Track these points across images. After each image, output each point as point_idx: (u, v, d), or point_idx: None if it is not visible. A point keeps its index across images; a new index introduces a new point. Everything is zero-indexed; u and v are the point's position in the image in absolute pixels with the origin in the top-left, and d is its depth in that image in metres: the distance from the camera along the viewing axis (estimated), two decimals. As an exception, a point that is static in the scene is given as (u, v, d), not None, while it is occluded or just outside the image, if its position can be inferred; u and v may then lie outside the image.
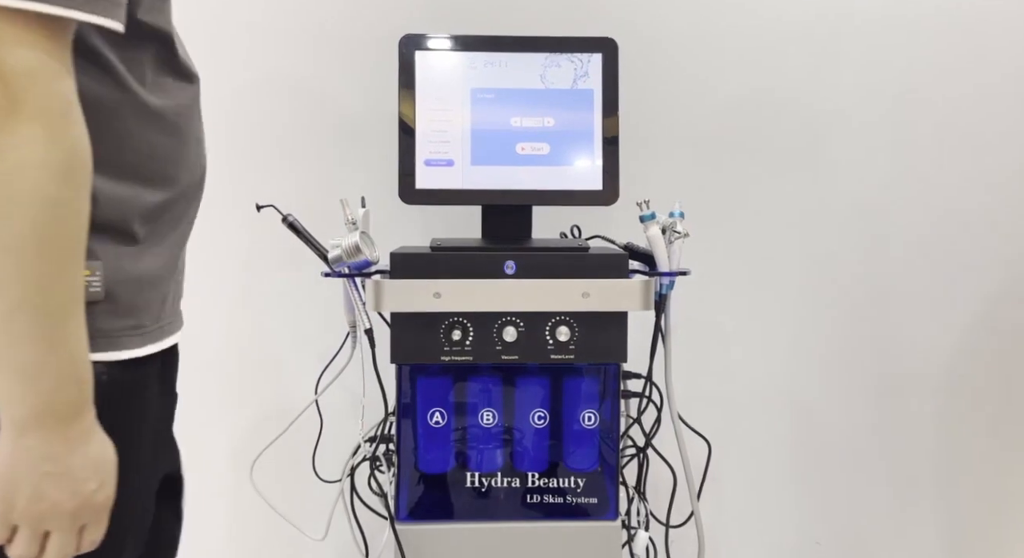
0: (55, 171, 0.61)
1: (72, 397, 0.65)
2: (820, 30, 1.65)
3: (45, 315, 0.62)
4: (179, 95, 0.80)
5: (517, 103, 1.25)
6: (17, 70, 0.60)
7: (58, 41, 0.63)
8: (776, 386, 1.70)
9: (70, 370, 0.65)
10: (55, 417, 0.64)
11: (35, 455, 0.64)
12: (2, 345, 0.62)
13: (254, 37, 1.61)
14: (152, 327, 0.78)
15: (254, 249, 1.58)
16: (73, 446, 0.66)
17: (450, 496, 1.22)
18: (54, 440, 0.65)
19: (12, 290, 0.61)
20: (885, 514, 1.73)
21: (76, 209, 0.64)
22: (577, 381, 1.22)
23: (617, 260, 1.17)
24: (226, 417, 1.64)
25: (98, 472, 0.68)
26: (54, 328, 0.63)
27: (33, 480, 0.65)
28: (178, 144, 0.80)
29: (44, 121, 0.61)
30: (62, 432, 0.65)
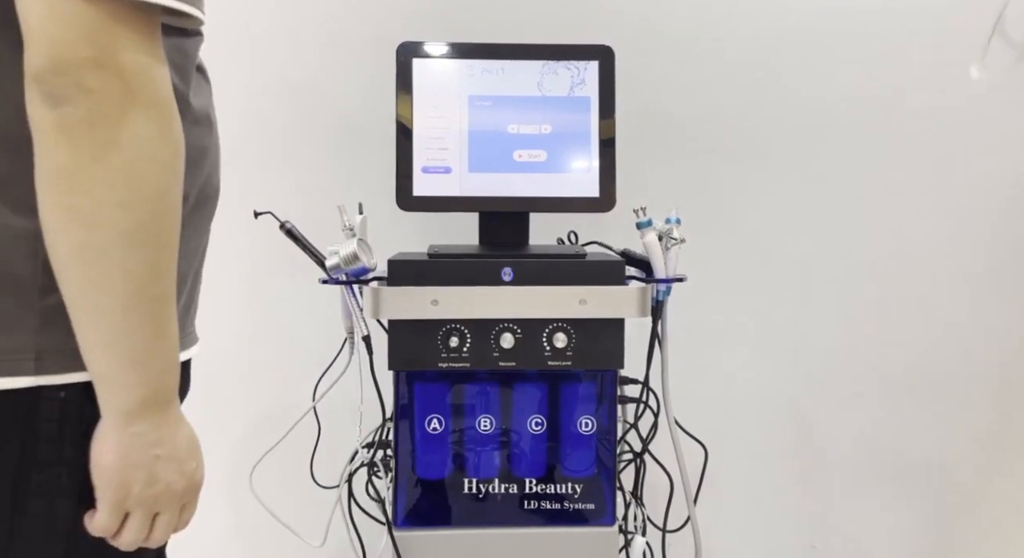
0: (166, 164, 0.64)
1: (172, 382, 0.68)
2: (817, 35, 1.66)
3: (158, 303, 0.65)
4: (206, 94, 0.82)
5: (514, 110, 1.26)
6: (132, 65, 0.61)
7: (157, 38, 0.64)
8: (772, 391, 1.70)
9: (172, 357, 0.67)
10: (159, 402, 0.67)
11: (146, 440, 0.66)
12: (119, 333, 0.64)
13: (252, 43, 1.61)
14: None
15: (251, 256, 1.58)
16: (175, 429, 0.69)
17: (447, 502, 1.23)
18: (160, 425, 0.67)
19: (132, 280, 0.63)
20: (881, 518, 1.73)
21: (179, 200, 0.66)
22: (574, 387, 1.22)
23: (614, 267, 1.17)
24: (224, 423, 1.64)
25: (195, 451, 0.72)
26: (162, 315, 0.65)
27: (147, 464, 0.67)
28: (211, 141, 0.82)
29: (156, 116, 0.62)
30: (165, 416, 0.67)
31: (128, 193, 0.61)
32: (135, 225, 0.62)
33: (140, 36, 0.61)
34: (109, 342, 0.64)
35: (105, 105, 0.60)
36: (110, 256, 0.62)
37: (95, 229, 0.61)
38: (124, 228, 0.62)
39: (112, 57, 0.60)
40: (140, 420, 0.66)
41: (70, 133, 0.59)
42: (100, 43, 0.59)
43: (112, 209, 0.61)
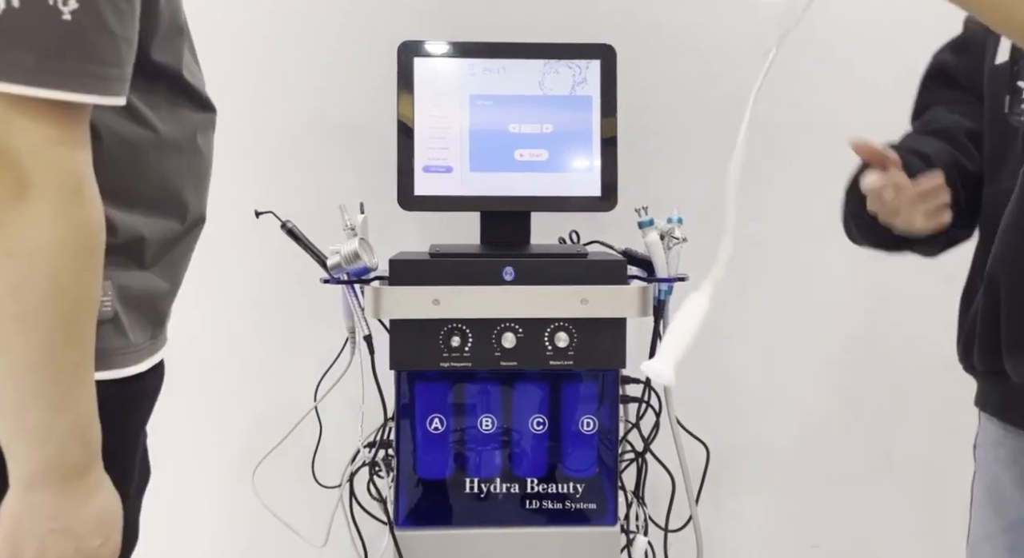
0: (66, 249, 0.63)
1: (77, 457, 0.67)
2: (820, 33, 1.65)
3: (52, 382, 0.64)
4: (193, 122, 0.82)
5: (516, 109, 1.25)
6: (24, 151, 0.61)
7: (70, 121, 0.64)
8: (774, 391, 1.70)
9: (76, 432, 0.66)
10: (60, 476, 0.66)
11: (40, 513, 0.66)
12: (12, 408, 0.64)
13: (253, 42, 1.61)
14: (144, 344, 0.79)
15: (253, 255, 1.58)
16: (78, 503, 0.68)
17: (449, 501, 1.22)
18: (59, 498, 0.67)
19: (21, 358, 0.63)
20: (883, 518, 1.73)
21: (88, 283, 0.65)
22: (576, 387, 1.22)
23: (615, 266, 1.17)
24: (225, 423, 1.64)
25: (103, 527, 0.70)
26: (61, 394, 0.65)
27: (38, 536, 0.67)
28: (188, 170, 0.82)
29: (54, 201, 0.62)
30: (67, 490, 0.67)
31: (17, 277, 0.62)
32: (25, 310, 0.62)
33: (42, 124, 0.62)
34: (2, 414, 0.65)
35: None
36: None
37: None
38: (12, 312, 0.62)
39: (5, 145, 0.60)
40: (38, 491, 0.66)
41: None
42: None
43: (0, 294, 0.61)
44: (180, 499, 1.63)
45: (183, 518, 1.64)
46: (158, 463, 0.94)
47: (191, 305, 0.96)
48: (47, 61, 0.61)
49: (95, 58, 0.64)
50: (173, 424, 1.62)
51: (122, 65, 0.67)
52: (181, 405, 0.97)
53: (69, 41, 0.62)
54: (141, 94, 0.74)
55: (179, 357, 1.02)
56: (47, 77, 0.61)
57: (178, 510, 1.62)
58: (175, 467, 1.66)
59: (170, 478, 1.61)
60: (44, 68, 0.61)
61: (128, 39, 0.67)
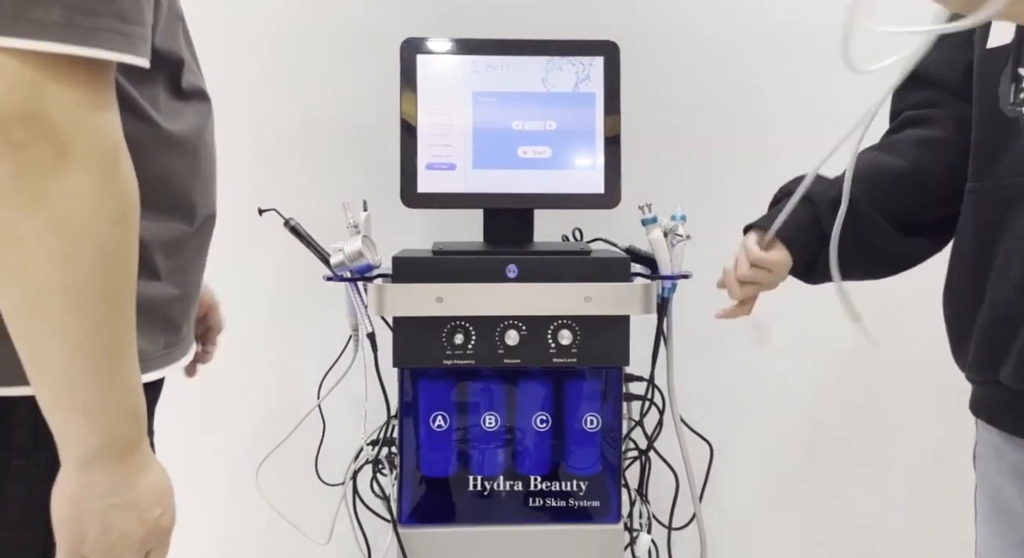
0: (108, 218, 0.62)
1: (130, 431, 0.67)
2: (822, 31, 1.65)
3: (104, 356, 0.64)
4: (191, 116, 0.79)
5: (519, 106, 1.25)
6: (60, 116, 0.59)
7: (100, 83, 0.62)
8: (778, 388, 1.70)
9: (128, 406, 0.66)
10: (115, 451, 0.66)
11: (100, 489, 0.66)
12: (64, 386, 0.63)
13: (255, 40, 1.61)
14: (156, 354, 0.77)
15: (255, 253, 1.58)
16: (134, 477, 0.68)
17: (452, 499, 1.22)
18: (117, 473, 0.66)
19: (72, 333, 0.62)
20: (887, 515, 1.73)
21: (129, 251, 0.64)
22: (579, 384, 1.22)
23: (619, 263, 1.17)
24: (229, 420, 1.64)
25: (160, 498, 0.71)
26: (112, 368, 0.64)
27: (101, 513, 0.66)
28: (195, 166, 0.80)
29: (94, 168, 0.61)
30: (123, 465, 0.67)
31: (62, 248, 0.60)
32: (72, 281, 0.61)
33: (74, 87, 0.60)
34: (54, 394, 0.64)
35: (34, 159, 0.58)
36: (47, 311, 0.61)
37: (28, 285, 0.60)
38: (60, 284, 0.60)
39: (41, 110, 0.58)
40: (94, 469, 0.66)
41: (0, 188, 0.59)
42: (28, 97, 0.58)
43: (46, 264, 0.60)
44: (184, 497, 1.63)
45: (187, 515, 1.63)
46: (162, 460, 0.94)
47: (194, 303, 0.96)
48: (76, 17, 0.59)
49: (122, 15, 0.62)
50: (176, 422, 1.62)
51: (145, 24, 0.65)
52: (184, 402, 0.97)
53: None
54: (138, 84, 0.71)
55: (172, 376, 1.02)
56: (78, 33, 0.59)
57: (182, 508, 1.62)
58: (178, 465, 1.66)
59: (173, 476, 1.62)
60: (74, 24, 0.59)
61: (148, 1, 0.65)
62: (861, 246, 1.01)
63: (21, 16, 0.57)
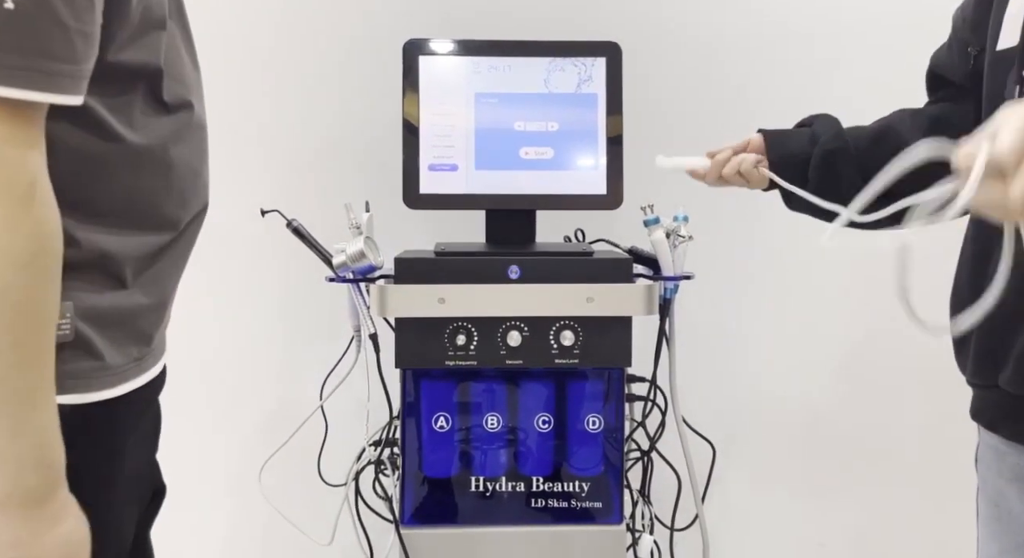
0: (15, 259, 0.59)
1: (36, 483, 0.64)
2: (824, 31, 1.65)
3: (5, 406, 0.61)
4: (166, 127, 0.76)
5: (521, 107, 1.25)
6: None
7: (20, 120, 0.59)
8: (781, 389, 1.70)
9: (35, 457, 0.63)
10: (19, 502, 0.63)
11: (3, 540, 0.63)
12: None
13: (257, 42, 1.61)
14: (127, 366, 0.75)
15: (258, 254, 1.58)
16: (40, 530, 0.64)
17: (455, 500, 1.23)
18: (20, 525, 0.63)
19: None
20: (889, 516, 1.72)
21: (39, 294, 0.61)
22: (581, 385, 1.22)
23: (621, 264, 1.17)
24: (231, 422, 1.64)
25: (68, 554, 0.67)
26: (15, 418, 0.61)
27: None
28: (166, 179, 0.77)
29: (2, 207, 0.58)
30: (28, 517, 0.64)
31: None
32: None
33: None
34: None
35: None
36: None
37: None
38: None
39: None
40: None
41: None
42: None
43: None
44: (187, 499, 1.63)
45: (190, 517, 1.64)
46: (165, 461, 0.94)
47: (196, 304, 0.96)
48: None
49: (44, 52, 0.59)
50: (179, 424, 1.62)
51: (77, 61, 0.62)
52: (187, 404, 0.97)
53: (13, 33, 0.57)
54: (109, 98, 0.69)
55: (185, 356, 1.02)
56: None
57: (185, 509, 1.63)
58: (181, 467, 1.66)
59: (176, 478, 1.62)
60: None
61: (85, 33, 0.62)
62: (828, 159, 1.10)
63: None
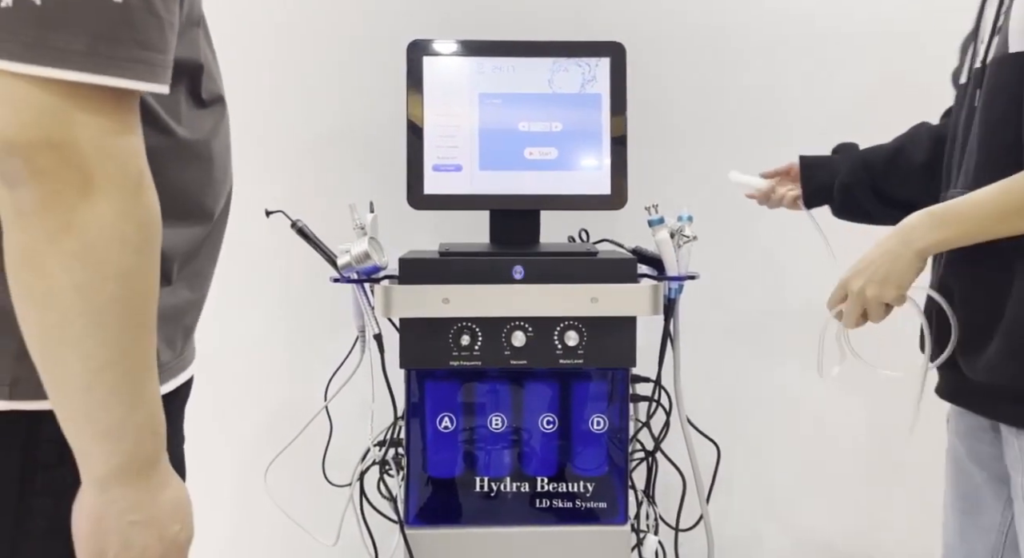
0: (131, 244, 0.62)
1: (151, 449, 0.67)
2: (831, 31, 1.65)
3: (127, 378, 0.64)
4: (208, 122, 0.79)
5: (525, 108, 1.25)
6: (88, 145, 0.59)
7: (124, 110, 0.62)
8: (785, 389, 1.69)
9: (148, 425, 0.67)
10: (136, 469, 0.66)
11: (120, 507, 0.66)
12: (86, 409, 0.64)
13: (262, 42, 1.62)
14: (172, 363, 0.78)
15: (263, 255, 1.58)
16: (154, 493, 0.68)
17: (459, 500, 1.23)
18: (137, 490, 0.67)
19: (94, 358, 0.62)
20: (895, 517, 1.72)
21: (150, 277, 0.65)
22: (586, 385, 1.22)
23: (626, 264, 1.17)
24: (236, 422, 1.65)
25: (179, 514, 0.71)
26: (133, 389, 0.65)
27: (121, 530, 0.67)
28: (208, 173, 0.80)
29: (118, 196, 0.61)
30: (143, 482, 0.67)
31: (86, 277, 0.60)
32: (95, 308, 0.61)
33: (98, 115, 0.60)
34: (76, 416, 0.64)
35: (58, 187, 0.58)
36: (68, 338, 0.61)
37: (52, 312, 0.61)
38: (83, 311, 0.61)
39: (66, 138, 0.58)
40: (114, 487, 0.66)
41: (25, 215, 0.59)
42: (53, 124, 0.58)
43: (69, 293, 0.60)
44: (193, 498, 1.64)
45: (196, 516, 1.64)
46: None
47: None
48: (100, 46, 0.59)
49: (145, 43, 0.62)
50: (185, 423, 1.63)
51: (168, 50, 0.65)
52: (192, 405, 0.97)
53: (120, 25, 0.60)
54: (160, 96, 0.71)
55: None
56: (102, 62, 0.59)
57: (190, 508, 1.63)
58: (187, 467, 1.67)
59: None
60: (98, 53, 0.59)
61: (172, 24, 0.65)
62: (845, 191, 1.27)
63: (44, 43, 0.57)
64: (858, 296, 1.02)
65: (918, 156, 1.21)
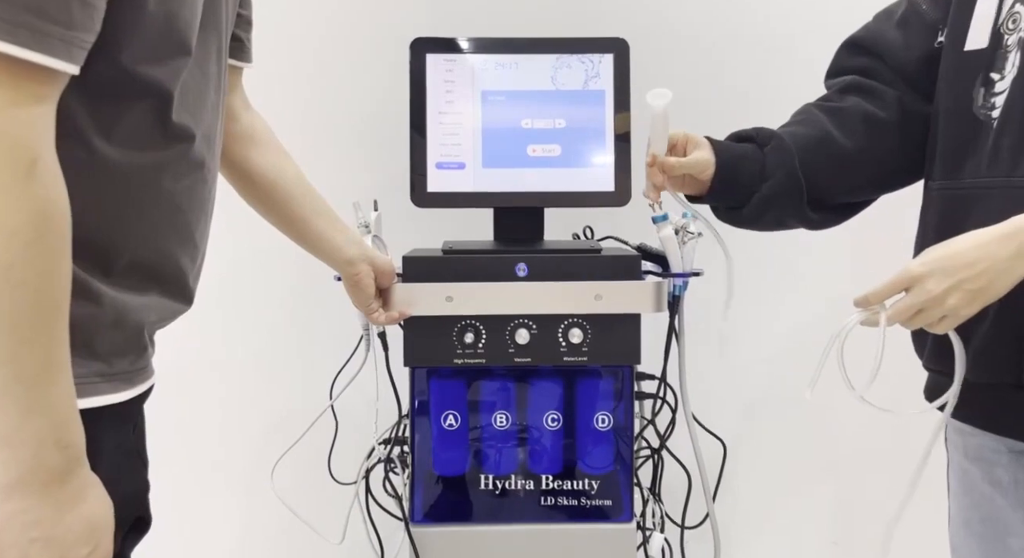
0: (20, 237, 0.57)
1: (55, 462, 0.62)
2: (836, 29, 1.63)
3: (17, 383, 0.60)
4: (161, 156, 0.72)
5: (528, 105, 1.25)
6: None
7: (20, 87, 0.57)
8: (792, 387, 1.69)
9: (53, 436, 0.62)
10: (38, 482, 0.62)
11: (21, 521, 0.62)
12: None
13: (266, 39, 1.61)
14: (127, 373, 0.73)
15: (267, 253, 1.59)
16: (61, 509, 0.63)
17: (465, 498, 1.22)
18: (40, 505, 0.62)
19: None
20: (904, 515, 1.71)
21: (49, 275, 0.59)
22: (591, 383, 1.22)
23: (630, 262, 1.16)
24: (241, 421, 1.65)
25: (91, 535, 0.66)
26: (29, 395, 0.60)
27: (21, 546, 0.62)
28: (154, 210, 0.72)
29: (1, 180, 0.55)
30: (48, 496, 0.63)
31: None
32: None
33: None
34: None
35: None
36: None
37: None
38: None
39: None
40: (16, 499, 0.61)
41: None
42: None
43: None
44: (199, 498, 1.65)
45: (202, 516, 1.65)
46: (177, 461, 0.94)
47: (205, 305, 0.96)
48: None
49: (39, 10, 0.56)
50: (191, 424, 1.63)
51: (72, 27, 0.58)
52: (199, 405, 0.97)
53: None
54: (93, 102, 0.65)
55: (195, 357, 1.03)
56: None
57: (197, 508, 1.64)
58: (194, 466, 1.68)
59: (189, 477, 1.63)
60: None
61: (91, 4, 0.59)
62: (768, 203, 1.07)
63: None
64: (934, 301, 0.82)
65: (851, 144, 1.04)
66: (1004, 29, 0.90)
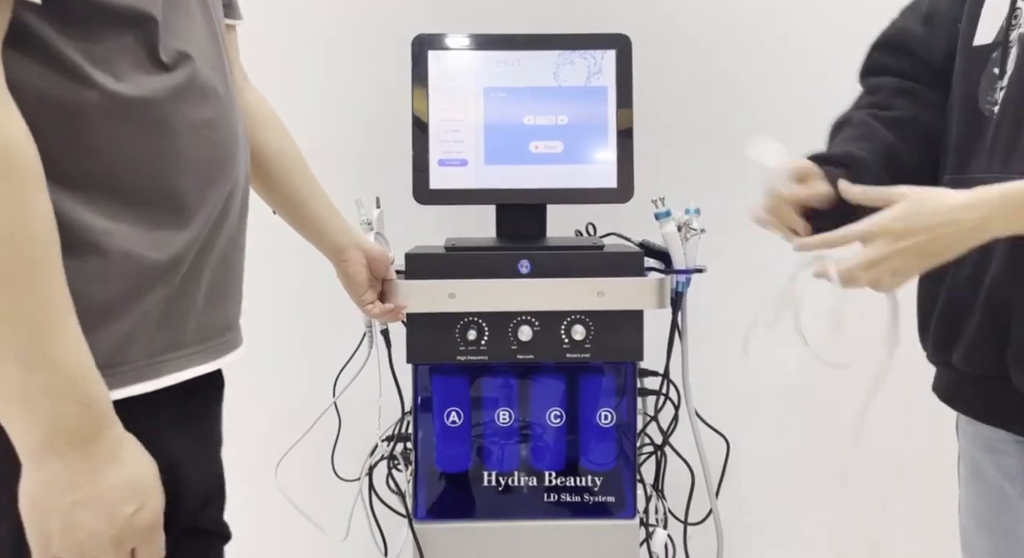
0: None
1: (78, 421, 0.58)
2: (837, 24, 1.63)
3: (13, 335, 0.56)
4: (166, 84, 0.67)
5: (530, 101, 1.25)
6: None
7: None
8: (794, 383, 1.68)
9: (67, 392, 0.58)
10: (66, 442, 0.58)
11: (60, 485, 0.59)
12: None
13: (266, 36, 1.61)
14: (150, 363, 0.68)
15: (269, 250, 1.59)
16: (97, 470, 0.60)
17: (468, 495, 1.23)
18: (75, 466, 0.59)
19: None
20: (905, 510, 1.71)
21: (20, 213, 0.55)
22: (593, 379, 1.22)
23: (632, 258, 1.16)
24: (243, 418, 1.65)
25: (135, 494, 0.62)
26: (31, 347, 0.56)
27: (64, 511, 0.59)
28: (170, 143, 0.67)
29: None
30: (82, 456, 0.59)
31: None
32: None
33: None
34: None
35: None
36: None
37: None
38: None
39: None
40: (48, 463, 0.58)
41: None
42: None
43: None
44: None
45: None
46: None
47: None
48: None
49: None
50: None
51: None
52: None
53: None
54: (85, 45, 0.61)
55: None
56: None
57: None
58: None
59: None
60: None
61: None
62: None
63: None
64: (888, 258, 0.83)
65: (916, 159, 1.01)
66: (1012, 24, 0.91)
